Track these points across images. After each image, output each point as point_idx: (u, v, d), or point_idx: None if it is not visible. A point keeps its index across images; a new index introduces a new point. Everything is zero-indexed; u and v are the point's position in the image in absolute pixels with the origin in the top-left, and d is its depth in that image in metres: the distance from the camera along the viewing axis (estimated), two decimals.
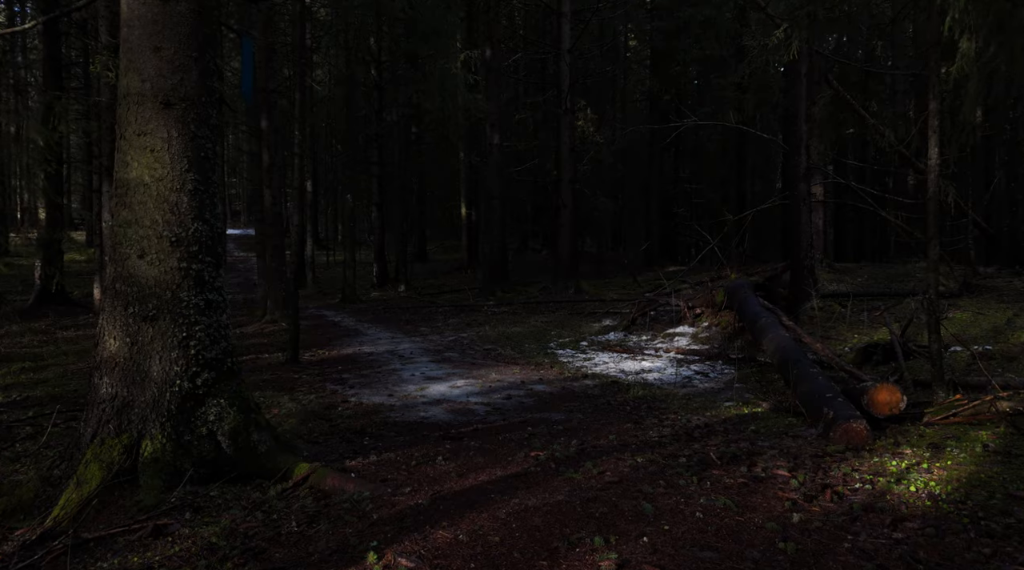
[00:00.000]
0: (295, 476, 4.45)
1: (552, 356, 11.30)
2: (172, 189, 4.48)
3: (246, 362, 10.51)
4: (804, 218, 11.92)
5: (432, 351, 11.55)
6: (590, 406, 7.34)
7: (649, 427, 6.30)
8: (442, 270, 27.15)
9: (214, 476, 4.42)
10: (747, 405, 7.46)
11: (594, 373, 9.66)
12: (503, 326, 14.30)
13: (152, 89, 4.47)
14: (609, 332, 13.52)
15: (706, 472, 4.60)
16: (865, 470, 4.71)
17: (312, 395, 7.84)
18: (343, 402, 7.49)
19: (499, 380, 8.83)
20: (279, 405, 7.18)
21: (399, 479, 4.56)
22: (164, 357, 4.40)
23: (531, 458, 5.04)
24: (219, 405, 4.54)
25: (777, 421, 6.51)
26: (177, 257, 4.47)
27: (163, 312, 4.42)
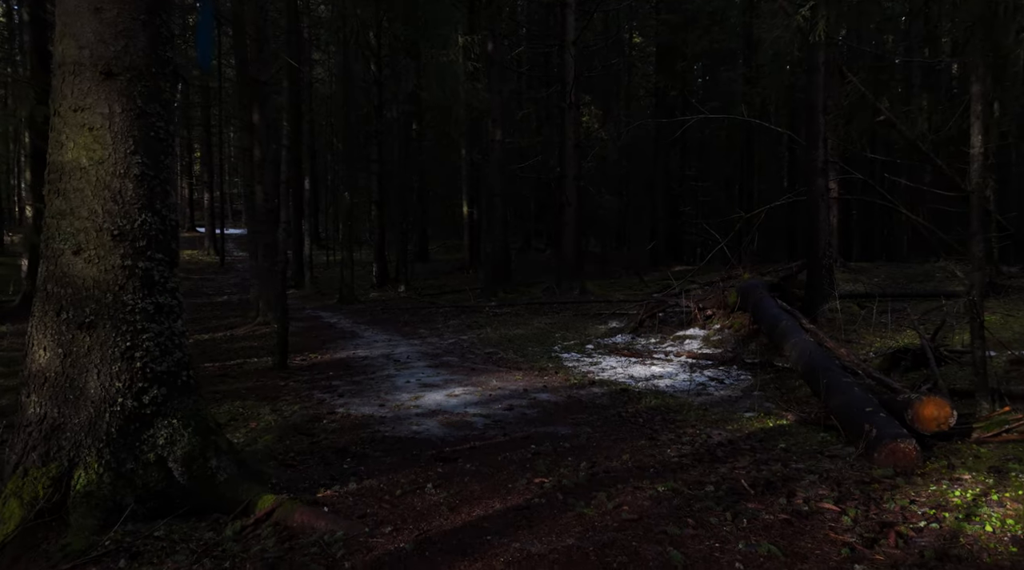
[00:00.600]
0: (258, 510, 3.76)
1: (557, 360, 10.61)
2: (114, 174, 3.80)
3: (232, 367, 9.85)
4: (822, 215, 11.21)
5: (430, 355, 10.86)
6: (599, 418, 6.64)
7: (666, 444, 5.60)
8: (444, 270, 26.47)
9: (163, 510, 3.73)
10: (770, 417, 6.76)
11: (602, 380, 8.96)
12: (505, 328, 13.61)
13: (91, 57, 3.78)
14: (616, 334, 12.82)
15: (740, 505, 3.90)
16: (925, 502, 4.01)
17: (296, 405, 7.15)
18: (329, 413, 6.79)
19: (500, 388, 8.14)
20: (258, 417, 6.49)
21: (380, 514, 3.87)
22: (104, 371, 3.71)
23: (535, 486, 4.35)
24: (170, 426, 3.85)
25: (808, 437, 5.81)
26: (120, 253, 3.78)
27: (103, 318, 3.73)
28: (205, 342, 12.28)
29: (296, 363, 10.18)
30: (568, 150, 16.10)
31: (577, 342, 12.30)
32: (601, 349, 11.76)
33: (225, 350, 11.41)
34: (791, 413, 6.91)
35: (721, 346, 11.28)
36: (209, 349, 11.55)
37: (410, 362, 10.18)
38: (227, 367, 9.86)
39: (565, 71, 16.01)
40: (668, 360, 10.65)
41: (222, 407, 7.02)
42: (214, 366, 9.93)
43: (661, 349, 11.52)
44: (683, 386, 8.66)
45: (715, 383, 8.90)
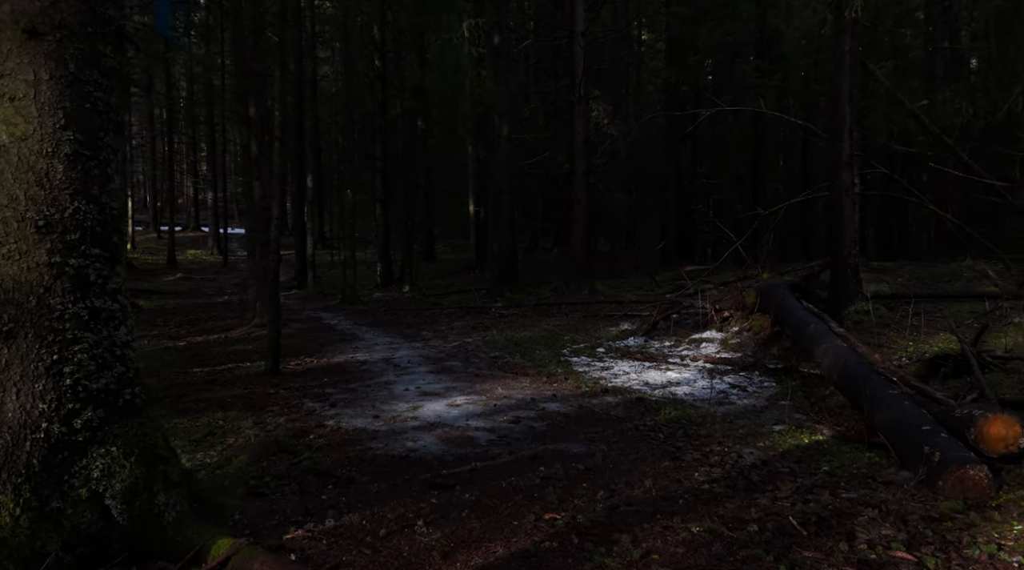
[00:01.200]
0: (211, 558, 3.09)
1: (566, 365, 9.93)
2: (40, 153, 3.14)
3: (222, 372, 9.20)
4: (847, 211, 10.48)
5: (432, 359, 10.19)
6: (615, 433, 5.96)
7: (693, 465, 4.91)
8: (450, 270, 25.80)
9: (96, 558, 3.08)
10: (803, 431, 6.07)
11: (615, 387, 8.28)
12: (512, 330, 12.92)
13: (11, 12, 3.12)
14: (628, 337, 12.12)
15: (793, 553, 3.21)
16: (1012, 544, 3.31)
17: (283, 417, 6.49)
18: (317, 427, 6.13)
19: (506, 396, 7.46)
20: (238, 431, 5.83)
21: (358, 562, 3.20)
22: (24, 390, 3.05)
23: (544, 523, 3.67)
24: (108, 456, 3.19)
25: (852, 457, 5.11)
26: (46, 249, 3.13)
27: (24, 326, 3.07)
28: (198, 345, 11.66)
29: (290, 368, 9.53)
30: (577, 145, 15.40)
31: (587, 345, 11.61)
32: (613, 353, 11.07)
33: (217, 354, 10.77)
34: (826, 427, 6.21)
35: (740, 350, 10.58)
36: (201, 352, 10.92)
37: (411, 367, 9.51)
38: (216, 372, 9.22)
39: (574, 63, 15.31)
40: (684, 365, 9.95)
41: (201, 419, 6.36)
42: (203, 371, 9.29)
43: (676, 353, 10.82)
44: (703, 394, 7.96)
45: (737, 391, 8.21)
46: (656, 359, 10.42)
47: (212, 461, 4.90)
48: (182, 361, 10.15)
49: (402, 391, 7.83)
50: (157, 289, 20.67)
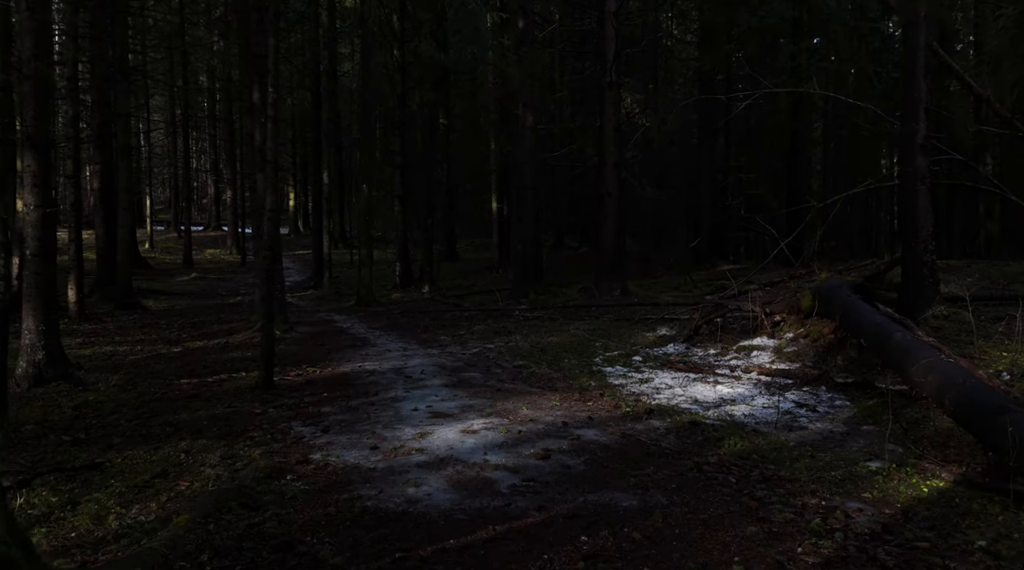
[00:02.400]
0: None
1: (600, 377, 8.61)
2: None
3: (210, 385, 8.00)
4: (921, 201, 9.02)
5: (448, 369, 8.92)
6: (672, 475, 4.63)
7: (789, 534, 3.57)
8: (472, 269, 24.55)
9: None
10: (909, 471, 4.70)
11: (660, 405, 6.94)
12: (537, 335, 11.62)
13: None
14: (668, 344, 10.75)
15: None
16: None
17: (261, 448, 5.24)
18: (300, 463, 4.87)
19: (532, 419, 6.15)
20: (195, 473, 4.59)
21: None
22: None
23: None
24: None
25: (1007, 521, 3.73)
26: None
27: None
28: (194, 351, 10.50)
29: (288, 379, 8.31)
30: (608, 134, 14.04)
31: (622, 353, 10.27)
32: (651, 362, 9.72)
33: (212, 362, 9.60)
34: (937, 465, 4.83)
35: (798, 359, 9.18)
36: (194, 360, 9.76)
37: (424, 379, 8.24)
38: (204, 385, 8.03)
39: (605, 46, 13.95)
40: (736, 377, 8.59)
41: (161, 450, 5.14)
42: (189, 384, 8.10)
43: (724, 363, 9.44)
44: (766, 416, 6.61)
45: (806, 411, 6.84)
46: (702, 370, 9.06)
47: (146, 521, 3.66)
48: (171, 370, 8.98)
49: (410, 411, 6.56)
50: (168, 289, 19.66)
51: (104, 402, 7.00)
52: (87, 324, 12.75)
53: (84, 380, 7.67)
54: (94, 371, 8.56)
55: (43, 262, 7.35)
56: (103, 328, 12.52)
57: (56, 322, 7.64)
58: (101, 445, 5.40)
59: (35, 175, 7.28)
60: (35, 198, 7.30)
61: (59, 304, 14.32)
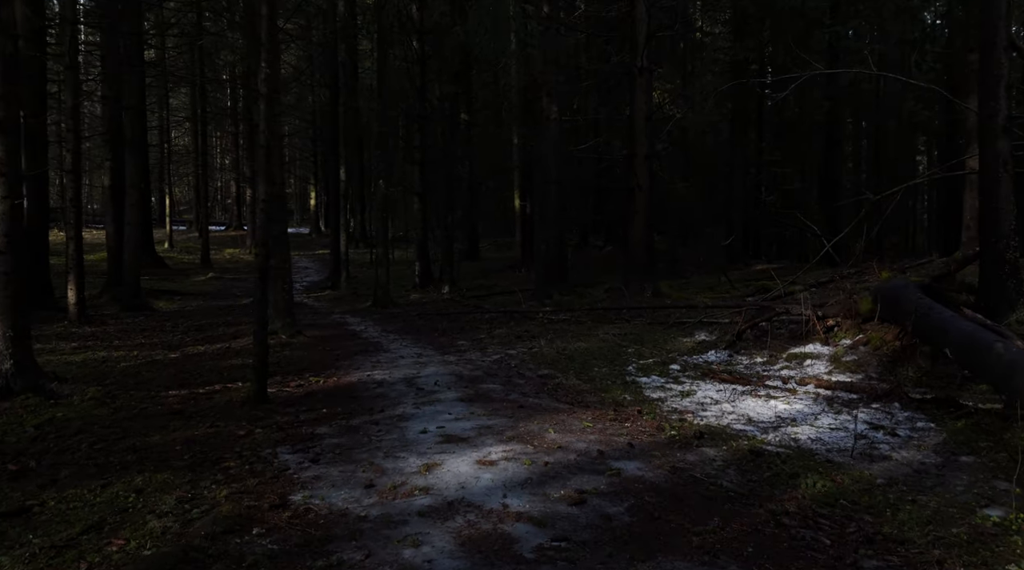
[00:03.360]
0: None
1: (635, 389, 7.56)
2: None
3: (199, 398, 7.07)
4: (1004, 190, 7.85)
5: (465, 380, 7.91)
6: (744, 531, 3.57)
7: None
8: (494, 269, 23.53)
9: None
10: None
11: (710, 426, 5.88)
12: (563, 340, 10.57)
13: None
14: (708, 351, 9.65)
15: None
16: None
17: (232, 485, 4.26)
18: (274, 508, 3.88)
19: (561, 446, 5.12)
20: (137, 523, 3.61)
21: None
22: None
23: None
24: None
25: None
26: None
27: None
28: (193, 358, 9.60)
29: (287, 391, 7.36)
30: (638, 124, 12.94)
31: (658, 361, 9.20)
32: (691, 371, 8.64)
33: (208, 370, 8.68)
34: None
35: (859, 370, 8.05)
36: (190, 368, 8.85)
37: (437, 392, 7.24)
38: (193, 398, 7.09)
39: (636, 29, 12.85)
40: (791, 390, 7.49)
41: (109, 490, 4.18)
42: (176, 396, 7.17)
43: (775, 373, 8.34)
44: (837, 440, 5.53)
45: (883, 435, 5.74)
46: (750, 381, 7.96)
47: None
48: (161, 380, 8.08)
49: (418, 433, 5.56)
50: (182, 290, 18.90)
51: (72, 419, 6.08)
52: (87, 327, 11.94)
53: (58, 392, 6.77)
54: (75, 381, 7.67)
55: (10, 260, 6.45)
56: (103, 331, 11.70)
57: (26, 327, 6.75)
58: (45, 478, 4.47)
59: (1, 163, 6.39)
60: (2, 189, 6.41)
61: (59, 306, 13.63)
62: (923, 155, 32.22)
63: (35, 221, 13.83)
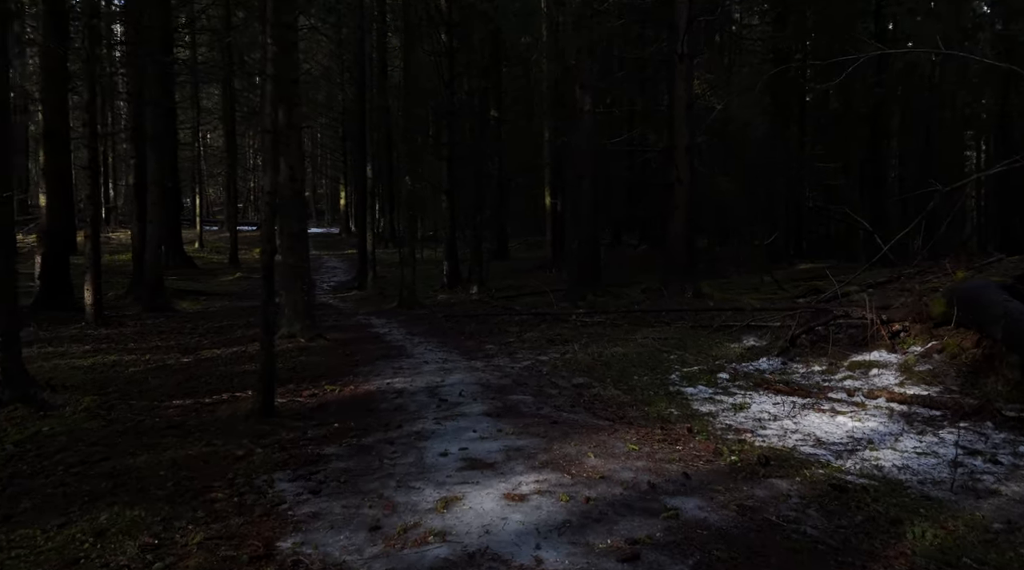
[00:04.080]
0: None
1: (682, 401, 6.74)
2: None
3: (202, 409, 6.40)
4: None
5: (493, 389, 7.14)
6: None
7: None
8: (523, 269, 22.74)
9: None
10: None
11: (773, 448, 5.05)
12: (599, 345, 9.75)
13: None
14: (759, 357, 8.76)
15: None
16: None
17: (212, 527, 3.54)
18: (256, 559, 3.14)
19: (603, 475, 4.32)
20: None
21: None
22: None
23: None
24: None
25: None
26: None
27: None
28: (205, 362, 8.97)
29: (299, 401, 6.67)
30: (678, 114, 12.05)
31: (704, 369, 8.34)
32: (742, 380, 7.78)
33: (220, 376, 8.04)
34: None
35: (935, 382, 7.11)
36: (200, 374, 8.21)
37: (462, 403, 6.48)
38: (195, 409, 6.43)
39: (676, 12, 11.96)
40: (858, 404, 6.60)
41: (65, 531, 3.48)
42: (180, 406, 6.52)
43: (837, 383, 7.43)
44: (929, 469, 4.67)
45: (983, 462, 4.87)
46: (810, 393, 7.08)
47: None
48: (167, 387, 7.44)
49: (438, 456, 4.80)
50: (208, 290, 18.44)
51: (58, 434, 5.44)
52: (104, 328, 11.42)
53: (49, 403, 6.15)
54: (74, 389, 7.07)
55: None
56: (119, 333, 11.16)
57: (15, 333, 6.14)
58: (3, 511, 3.79)
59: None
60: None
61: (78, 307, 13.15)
62: (971, 150, 30.70)
63: (57, 220, 13.41)
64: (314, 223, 46.47)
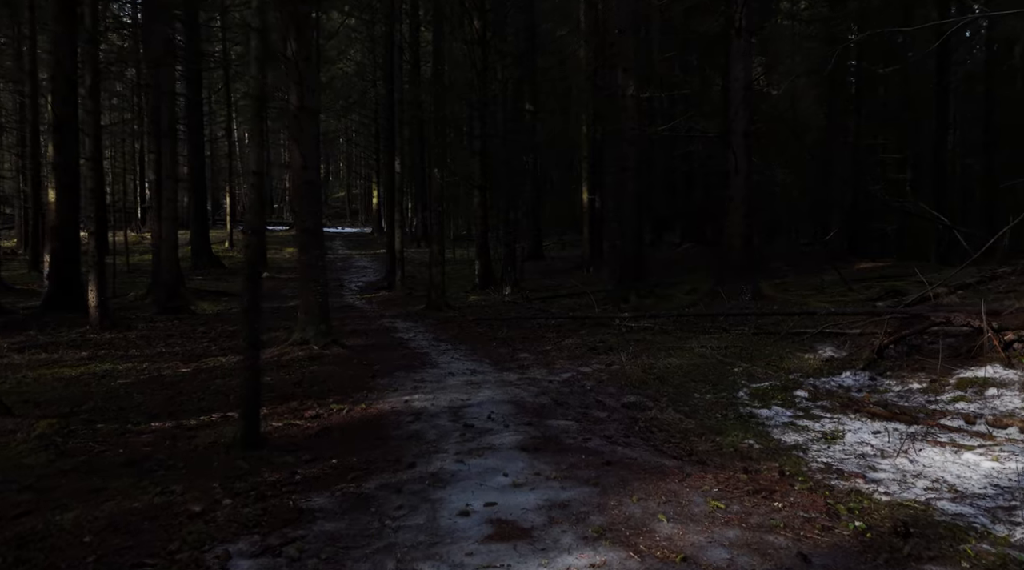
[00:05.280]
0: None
1: (759, 429, 5.44)
2: None
3: (179, 436, 5.26)
4: None
5: (528, 411, 5.88)
6: None
7: None
8: (558, 269, 21.42)
9: None
10: None
11: (903, 505, 3.75)
12: (649, 354, 8.41)
13: None
14: (842, 372, 7.36)
15: None
16: None
17: None
18: None
19: (686, 557, 3.03)
20: None
21: None
22: None
23: None
24: None
25: None
26: None
27: None
28: (205, 373, 7.86)
29: (295, 426, 5.50)
30: (736, 95, 10.65)
31: (776, 385, 6.97)
32: (824, 399, 6.42)
33: (215, 390, 6.92)
34: None
35: None
36: (197, 386, 7.11)
37: (491, 430, 5.23)
38: (173, 434, 5.29)
39: None
40: (984, 435, 5.24)
41: None
42: (155, 432, 5.39)
43: (947, 406, 6.02)
44: None
45: None
46: (915, 418, 5.69)
47: None
48: (152, 404, 6.34)
49: (456, 516, 3.56)
50: (232, 290, 17.51)
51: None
52: (108, 332, 10.44)
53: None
54: (42, 406, 6.00)
55: None
56: (123, 338, 10.16)
57: None
58: None
59: None
60: None
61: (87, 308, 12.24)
62: None
63: (65, 217, 12.51)
64: (348, 223, 45.75)
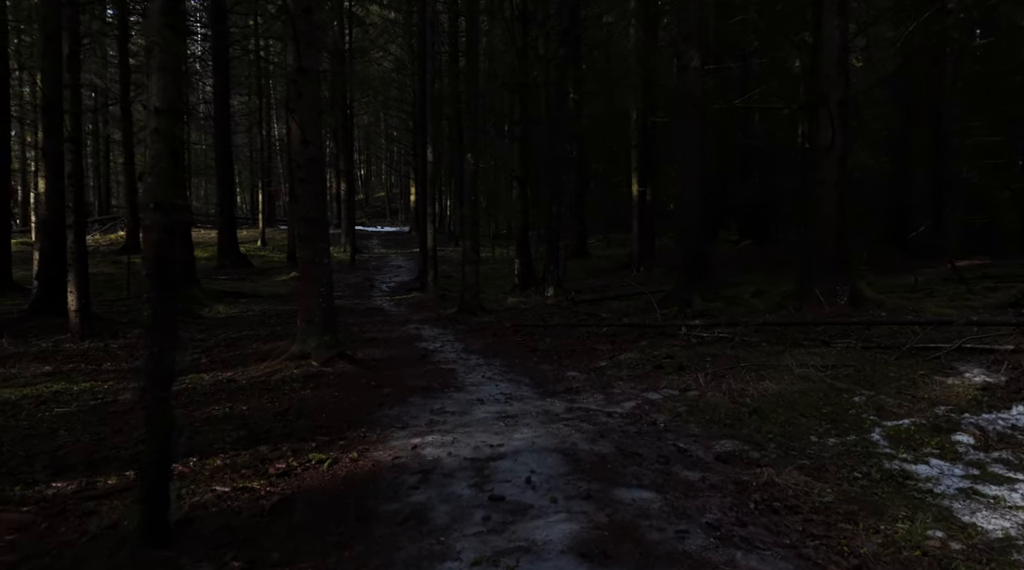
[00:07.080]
0: None
1: (927, 503, 3.42)
2: None
3: (69, 512, 3.51)
4: None
5: (584, 471, 3.98)
6: None
7: None
8: (604, 268, 19.40)
9: None
10: None
11: None
12: (734, 375, 6.41)
13: None
14: (1012, 405, 5.26)
15: None
16: None
17: None
18: None
19: None
20: None
21: None
22: None
23: None
24: None
25: None
26: None
27: None
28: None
29: (243, 495, 3.71)
30: (828, 58, 8.54)
31: (920, 423, 4.97)
32: (1001, 448, 4.44)
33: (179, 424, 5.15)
34: None
35: None
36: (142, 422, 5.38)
37: (530, 511, 3.36)
38: (60, 508, 3.58)
39: None
40: None
41: None
42: (32, 505, 3.66)
43: None
44: None
45: None
46: None
47: None
48: (77, 447, 4.67)
49: None
50: (252, 292, 16.00)
51: None
52: (90, 341, 8.87)
53: None
54: None
55: None
56: (103, 348, 8.56)
57: None
58: None
59: None
60: None
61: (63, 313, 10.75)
62: None
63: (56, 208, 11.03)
64: (387, 222, 44.42)
